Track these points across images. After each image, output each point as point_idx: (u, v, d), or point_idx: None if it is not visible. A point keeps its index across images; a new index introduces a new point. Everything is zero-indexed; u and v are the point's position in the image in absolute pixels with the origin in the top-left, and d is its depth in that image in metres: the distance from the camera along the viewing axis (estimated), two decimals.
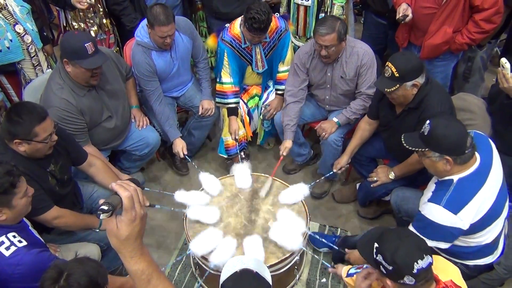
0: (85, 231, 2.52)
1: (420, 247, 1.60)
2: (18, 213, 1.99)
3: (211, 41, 3.33)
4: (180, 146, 3.14)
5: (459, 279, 1.77)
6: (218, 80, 3.31)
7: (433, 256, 1.65)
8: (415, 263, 1.56)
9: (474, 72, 3.42)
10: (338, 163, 2.96)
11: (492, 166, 2.13)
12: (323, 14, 3.36)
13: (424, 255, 1.58)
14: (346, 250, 2.43)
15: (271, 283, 1.67)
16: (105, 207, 1.20)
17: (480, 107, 2.73)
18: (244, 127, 3.42)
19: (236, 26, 3.14)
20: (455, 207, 2.03)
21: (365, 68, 2.93)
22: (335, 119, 3.10)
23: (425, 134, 2.07)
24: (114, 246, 1.26)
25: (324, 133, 3.09)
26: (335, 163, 2.99)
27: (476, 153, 2.11)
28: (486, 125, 2.62)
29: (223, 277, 1.66)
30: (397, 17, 2.95)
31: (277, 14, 3.20)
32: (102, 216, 1.20)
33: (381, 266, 1.64)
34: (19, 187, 1.95)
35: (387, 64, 2.43)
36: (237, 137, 3.26)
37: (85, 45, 2.52)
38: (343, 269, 2.19)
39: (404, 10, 2.93)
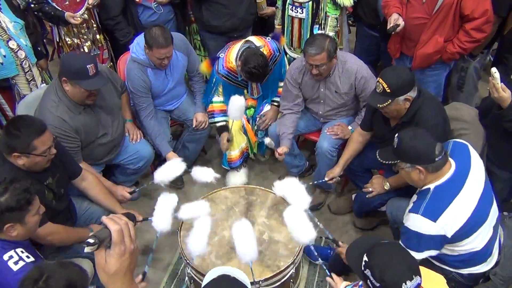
0: (79, 246, 2.50)
1: (410, 267, 1.58)
2: (28, 230, 2.00)
3: (204, 67, 3.31)
4: None
5: (444, 287, 1.77)
6: (207, 101, 3.33)
7: (420, 268, 1.63)
8: (404, 283, 1.53)
9: (467, 82, 3.43)
10: (331, 173, 2.95)
11: (469, 173, 2.15)
12: (317, 26, 3.38)
13: (414, 276, 1.55)
14: (340, 243, 2.41)
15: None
16: (91, 240, 1.17)
17: (473, 116, 2.74)
18: (247, 135, 3.42)
19: (232, 60, 3.13)
20: (433, 215, 2.05)
21: (364, 82, 2.92)
22: (350, 127, 3.11)
23: (395, 147, 2.16)
24: (102, 281, 1.23)
25: (338, 134, 3.10)
26: (327, 172, 2.98)
27: (451, 160, 2.15)
28: (479, 134, 2.63)
29: (203, 283, 1.69)
30: (388, 27, 2.96)
31: (268, 38, 3.21)
32: (86, 250, 1.16)
33: (368, 280, 1.62)
34: (34, 204, 1.98)
35: (378, 80, 2.44)
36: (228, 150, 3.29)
37: (87, 66, 2.53)
38: (342, 285, 2.17)
39: (395, 20, 2.94)
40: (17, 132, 2.17)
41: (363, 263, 1.64)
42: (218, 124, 3.31)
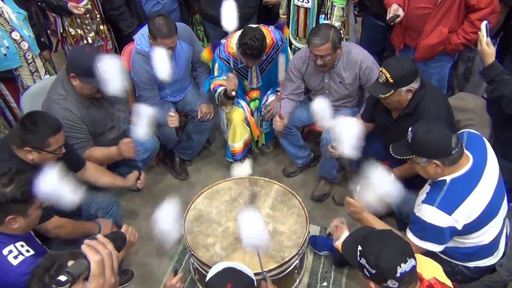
0: (85, 239, 2.50)
1: (404, 251, 1.59)
2: (29, 224, 1.99)
3: (206, 54, 3.27)
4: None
5: (442, 276, 1.77)
6: (210, 79, 3.29)
7: (416, 255, 1.64)
8: (398, 267, 1.55)
9: (474, 73, 3.39)
10: (333, 149, 2.83)
11: (486, 166, 2.11)
12: (323, 16, 3.34)
13: (408, 259, 1.57)
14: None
15: (254, 280, 1.73)
16: (63, 278, 1.02)
17: (480, 107, 2.71)
18: (250, 127, 3.41)
19: (233, 45, 3.10)
20: (449, 208, 2.02)
21: (369, 72, 2.91)
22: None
23: (409, 141, 2.10)
24: None
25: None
26: (328, 147, 2.89)
27: (468, 152, 2.11)
28: (485, 125, 2.60)
29: (208, 277, 1.71)
30: (387, 17, 2.92)
31: (271, 27, 3.18)
32: None
33: (364, 269, 1.63)
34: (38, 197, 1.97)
35: (381, 70, 2.42)
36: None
37: (98, 64, 2.48)
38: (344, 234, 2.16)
39: (394, 11, 2.91)
40: (34, 127, 2.16)
41: (358, 253, 1.66)
42: (221, 93, 3.21)
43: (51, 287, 1.04)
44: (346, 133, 2.38)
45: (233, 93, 3.08)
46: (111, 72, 2.40)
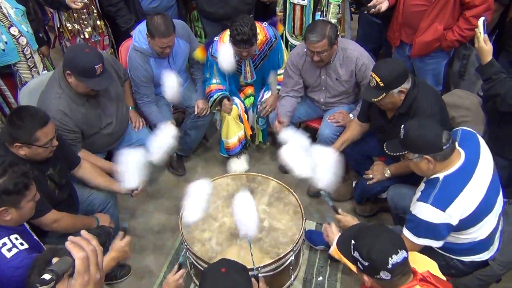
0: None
1: (395, 243, 1.64)
2: (22, 216, 2.00)
3: (199, 53, 3.29)
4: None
5: (436, 271, 1.80)
6: (206, 85, 3.33)
7: (409, 251, 1.68)
8: (390, 258, 1.59)
9: (469, 70, 3.41)
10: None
11: (479, 162, 2.14)
12: (319, 13, 3.35)
13: (399, 250, 1.62)
14: (339, 211, 2.38)
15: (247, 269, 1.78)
16: (47, 277, 1.02)
17: (475, 104, 2.73)
18: (243, 124, 3.42)
19: (226, 41, 3.12)
20: (442, 204, 2.05)
21: (365, 69, 2.92)
22: (351, 115, 3.11)
23: (402, 137, 2.15)
24: None
25: (339, 121, 3.10)
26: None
27: (460, 149, 2.14)
28: (480, 122, 2.62)
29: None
30: (369, 5, 2.94)
31: (264, 24, 3.20)
32: None
33: (358, 262, 1.68)
34: (30, 190, 1.98)
35: (371, 74, 2.44)
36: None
37: (96, 66, 2.50)
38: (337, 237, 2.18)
39: (378, 2, 2.93)
40: (20, 123, 2.17)
41: (351, 246, 1.71)
42: (216, 99, 3.29)
43: (35, 286, 1.02)
44: (323, 165, 2.42)
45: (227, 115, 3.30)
46: (132, 165, 2.50)
